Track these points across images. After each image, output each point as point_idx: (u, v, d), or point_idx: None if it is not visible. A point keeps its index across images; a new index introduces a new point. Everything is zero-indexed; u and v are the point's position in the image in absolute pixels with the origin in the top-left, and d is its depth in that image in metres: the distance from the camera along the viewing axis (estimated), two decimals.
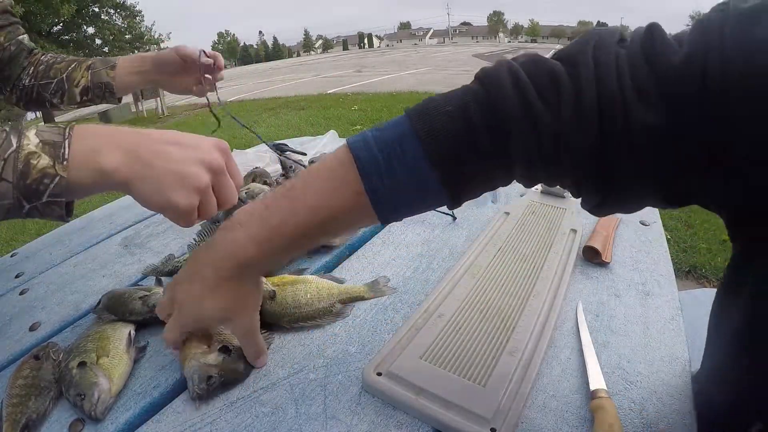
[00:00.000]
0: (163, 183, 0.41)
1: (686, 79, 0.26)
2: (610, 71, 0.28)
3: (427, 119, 0.31)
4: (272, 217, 0.37)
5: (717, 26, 0.26)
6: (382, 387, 0.42)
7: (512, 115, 0.29)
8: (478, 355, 0.45)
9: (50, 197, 0.38)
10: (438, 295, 0.55)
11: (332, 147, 1.17)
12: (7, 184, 0.38)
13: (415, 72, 12.10)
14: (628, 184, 0.30)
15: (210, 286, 0.39)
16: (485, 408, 0.39)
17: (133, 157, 0.40)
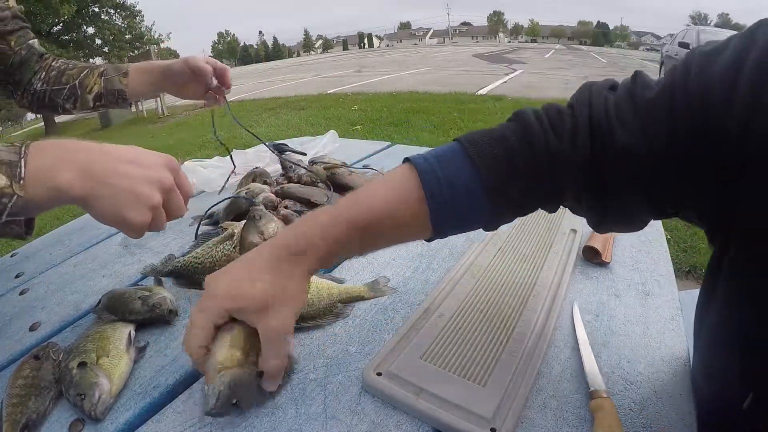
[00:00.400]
0: (118, 201, 0.42)
1: (657, 109, 0.33)
2: (600, 109, 0.36)
3: (477, 146, 0.38)
4: (341, 215, 0.40)
5: (683, 66, 0.33)
6: (382, 387, 0.42)
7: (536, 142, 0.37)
8: (478, 355, 0.45)
9: (8, 216, 0.39)
10: (438, 295, 0.55)
11: (332, 147, 1.17)
12: None
13: (415, 72, 12.10)
14: (619, 192, 0.36)
15: (262, 266, 0.40)
16: (485, 408, 0.39)
17: (88, 175, 0.41)
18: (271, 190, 0.77)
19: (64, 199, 0.41)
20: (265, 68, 24.25)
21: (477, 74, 10.72)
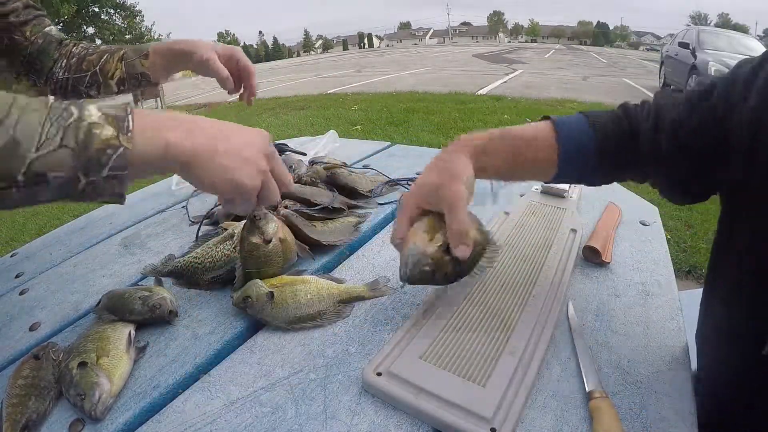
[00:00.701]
0: (228, 163, 0.42)
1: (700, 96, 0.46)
2: (665, 99, 0.50)
3: (597, 119, 0.50)
4: (494, 130, 0.53)
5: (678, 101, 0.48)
6: (382, 387, 0.42)
7: (629, 130, 0.49)
8: (478, 355, 0.45)
9: (111, 170, 0.37)
10: (436, 295, 0.55)
11: (332, 147, 1.17)
12: (67, 150, 0.36)
13: (415, 72, 12.10)
14: (673, 159, 0.47)
15: (434, 162, 0.50)
16: (485, 408, 0.39)
17: (196, 135, 0.41)
18: None
19: (172, 158, 0.40)
20: (265, 68, 24.24)
21: (477, 74, 10.72)
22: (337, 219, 0.74)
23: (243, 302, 0.53)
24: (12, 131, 0.34)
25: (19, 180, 0.34)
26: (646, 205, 0.83)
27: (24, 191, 0.35)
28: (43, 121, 0.36)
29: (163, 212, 0.92)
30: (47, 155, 0.35)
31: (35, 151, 0.35)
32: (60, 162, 0.35)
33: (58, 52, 0.77)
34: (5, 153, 0.34)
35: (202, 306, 0.58)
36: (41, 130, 0.35)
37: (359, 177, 0.87)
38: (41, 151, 0.35)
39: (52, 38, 0.77)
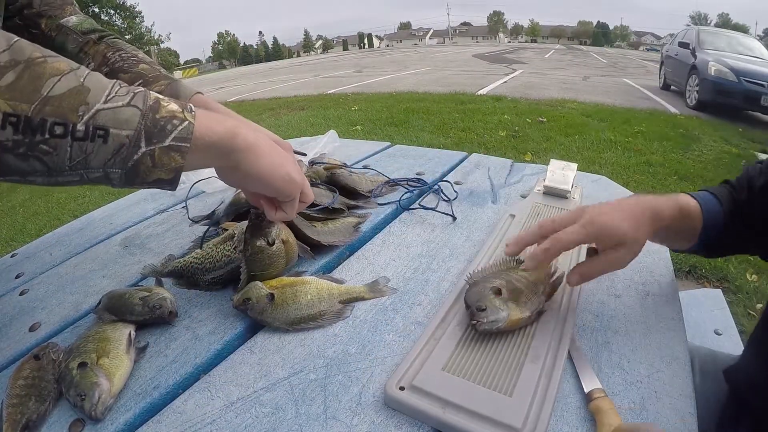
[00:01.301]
0: (281, 159, 0.46)
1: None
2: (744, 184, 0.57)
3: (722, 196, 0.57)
4: (673, 202, 0.54)
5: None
6: (406, 401, 0.41)
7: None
8: (501, 364, 0.44)
9: (175, 140, 0.36)
10: (454, 302, 0.54)
11: (332, 147, 1.17)
12: (136, 110, 0.34)
13: (415, 72, 12.10)
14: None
15: (630, 215, 0.50)
16: (515, 418, 0.38)
17: (254, 133, 0.44)
18: None
19: (233, 143, 0.41)
20: (265, 68, 24.25)
21: (477, 74, 10.72)
22: (337, 219, 0.74)
23: (243, 304, 0.53)
24: (82, 80, 0.33)
25: (78, 129, 0.32)
26: None
27: (78, 146, 0.33)
28: (113, 83, 0.35)
29: (163, 212, 0.92)
30: (115, 109, 0.34)
31: (104, 102, 0.33)
32: (127, 119, 0.34)
33: (80, 49, 0.68)
34: (72, 96, 0.32)
35: (202, 306, 0.58)
36: (111, 87, 0.35)
37: (359, 177, 0.87)
38: (109, 104, 0.34)
39: (67, 30, 0.68)
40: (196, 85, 0.89)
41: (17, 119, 0.31)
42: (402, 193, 0.86)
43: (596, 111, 5.28)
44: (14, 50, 0.32)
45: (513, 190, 0.89)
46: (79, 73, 0.33)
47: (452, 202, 0.83)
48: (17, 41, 0.32)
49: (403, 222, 0.77)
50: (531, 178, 0.95)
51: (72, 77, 0.33)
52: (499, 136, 4.18)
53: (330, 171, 0.86)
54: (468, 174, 0.98)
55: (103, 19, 14.05)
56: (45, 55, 0.33)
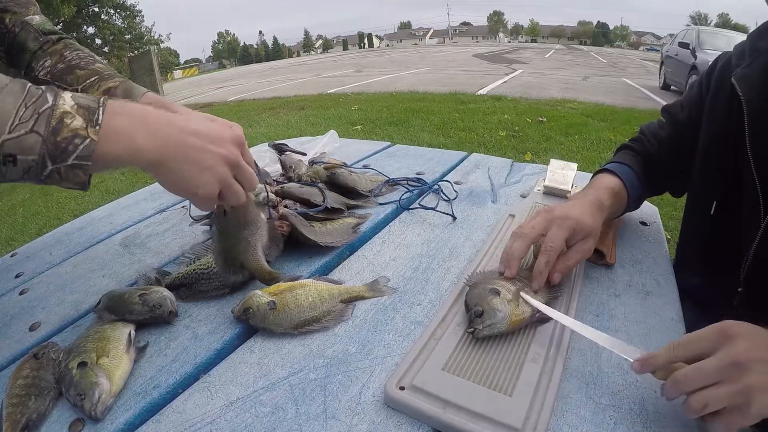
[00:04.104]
0: (185, 173, 0.45)
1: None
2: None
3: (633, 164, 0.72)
4: (604, 188, 0.65)
5: None
6: (406, 401, 0.41)
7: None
8: (501, 364, 0.44)
9: (77, 159, 0.39)
10: (454, 302, 0.54)
11: (332, 147, 1.17)
12: (37, 136, 0.37)
13: (415, 72, 12.10)
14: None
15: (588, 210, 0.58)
16: (515, 418, 0.38)
17: (162, 143, 0.43)
18: (271, 190, 0.77)
19: (135, 160, 0.42)
20: (265, 68, 24.24)
21: (477, 74, 10.72)
22: (336, 220, 0.74)
23: (244, 314, 0.52)
24: None
25: None
26: (646, 205, 0.83)
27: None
28: (18, 105, 0.37)
29: (163, 212, 0.92)
30: (18, 138, 0.37)
31: (8, 132, 0.36)
32: (30, 146, 0.37)
33: (39, 47, 0.70)
34: None
35: (202, 306, 0.58)
36: (15, 113, 0.37)
37: (359, 177, 0.87)
38: (13, 134, 0.37)
39: (30, 28, 0.69)
40: (196, 84, 0.89)
41: None
42: (402, 193, 0.86)
43: (596, 111, 5.28)
44: None
45: (513, 190, 0.89)
46: None
47: (452, 201, 0.83)
48: None
49: (403, 222, 0.77)
50: (531, 178, 0.95)
51: None
52: (499, 135, 4.18)
53: (330, 171, 0.86)
54: (468, 174, 0.98)
55: (103, 19, 14.04)
56: None
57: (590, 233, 0.56)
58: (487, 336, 0.47)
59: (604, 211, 0.61)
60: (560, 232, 0.54)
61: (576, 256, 0.56)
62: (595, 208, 0.60)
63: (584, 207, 0.59)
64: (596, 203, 0.61)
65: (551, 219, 0.56)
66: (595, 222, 0.57)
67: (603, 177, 0.68)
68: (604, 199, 0.62)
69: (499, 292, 0.50)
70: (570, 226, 0.55)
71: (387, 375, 0.45)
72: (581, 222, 0.55)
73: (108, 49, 14.64)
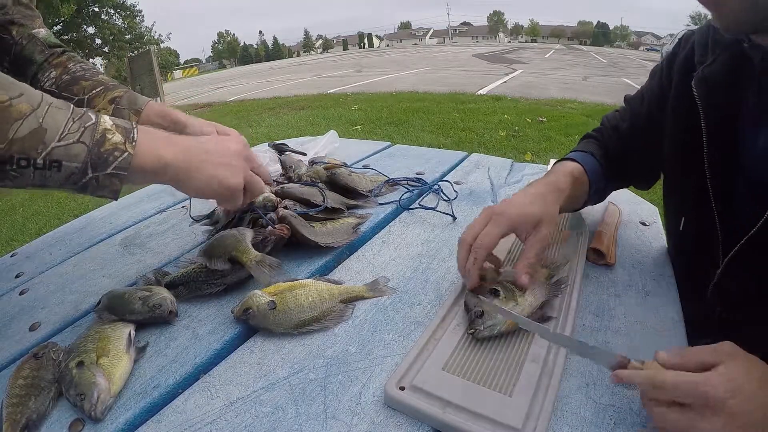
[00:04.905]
0: (213, 173, 0.52)
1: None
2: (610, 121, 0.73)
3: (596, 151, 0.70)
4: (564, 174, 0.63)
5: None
6: (407, 401, 0.41)
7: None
8: (501, 364, 0.44)
9: (115, 169, 0.44)
10: (454, 302, 0.54)
11: (332, 147, 1.17)
12: (84, 146, 0.42)
13: (415, 72, 12.10)
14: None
15: (535, 198, 0.56)
16: (514, 418, 0.38)
17: (186, 155, 0.50)
18: (271, 190, 0.77)
19: (164, 171, 0.48)
20: (265, 68, 24.25)
21: (477, 74, 10.72)
22: (336, 220, 0.74)
23: (244, 314, 0.52)
24: (41, 120, 0.41)
25: (38, 162, 0.41)
26: (646, 205, 0.83)
27: (39, 173, 0.41)
28: (67, 119, 0.43)
29: (163, 212, 0.92)
30: (66, 146, 0.42)
31: (57, 141, 0.41)
32: (76, 154, 0.42)
33: (45, 59, 0.73)
34: (32, 137, 0.40)
35: (202, 306, 0.58)
36: (65, 125, 0.42)
37: (359, 177, 0.87)
38: (62, 142, 0.42)
39: (37, 41, 0.72)
40: (197, 84, 0.89)
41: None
42: (402, 193, 0.86)
43: (596, 111, 5.27)
44: None
45: (513, 190, 0.88)
46: (39, 114, 0.41)
47: (452, 201, 0.83)
48: None
49: (403, 222, 0.77)
50: (531, 177, 0.95)
51: (32, 119, 0.40)
52: (499, 135, 4.18)
53: (330, 171, 0.86)
54: (468, 174, 0.98)
55: (103, 19, 14.04)
56: (10, 96, 0.40)
57: (539, 220, 0.53)
58: (488, 336, 0.47)
59: (561, 193, 0.58)
60: (493, 229, 0.52)
61: (533, 249, 0.53)
62: (547, 192, 0.57)
63: (528, 196, 0.56)
64: (550, 187, 0.58)
65: (488, 216, 0.54)
66: (543, 208, 0.54)
67: (563, 163, 0.66)
68: (561, 182, 0.60)
69: (499, 293, 0.50)
70: (507, 221, 0.52)
71: (387, 375, 0.45)
72: (523, 213, 0.53)
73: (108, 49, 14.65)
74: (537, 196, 0.56)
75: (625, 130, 0.67)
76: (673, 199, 0.66)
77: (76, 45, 13.36)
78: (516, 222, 0.53)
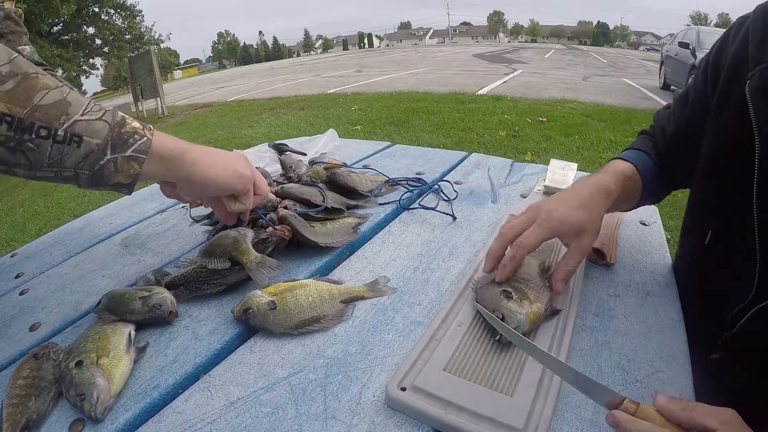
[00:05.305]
0: (225, 162, 0.54)
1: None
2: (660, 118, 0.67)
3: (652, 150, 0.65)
4: (614, 174, 0.58)
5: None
6: (408, 402, 0.41)
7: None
8: (502, 364, 0.44)
9: (134, 152, 0.44)
10: (455, 303, 0.54)
11: (332, 147, 1.17)
12: (105, 124, 0.43)
13: (415, 72, 12.09)
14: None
15: (581, 203, 0.53)
16: (516, 418, 0.38)
17: (198, 146, 0.52)
18: (271, 190, 0.77)
19: (182, 158, 0.49)
20: (265, 68, 24.25)
21: (477, 74, 10.72)
22: (336, 220, 0.74)
23: (244, 314, 0.52)
24: (65, 95, 0.41)
25: (59, 134, 0.40)
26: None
27: (57, 147, 0.40)
28: (88, 100, 0.43)
29: (163, 212, 0.92)
30: (89, 121, 0.42)
31: (81, 114, 0.41)
32: (98, 130, 0.42)
33: None
34: (56, 107, 0.40)
35: (202, 306, 0.58)
36: (87, 104, 0.42)
37: (359, 177, 0.87)
38: (85, 117, 0.41)
39: None
40: (197, 84, 0.89)
41: (12, 119, 0.38)
42: (402, 193, 0.86)
43: (596, 111, 5.28)
44: (14, 64, 0.39)
45: (513, 190, 0.88)
46: (63, 90, 0.41)
47: (452, 201, 0.83)
48: (16, 57, 0.40)
49: (403, 222, 0.77)
50: (531, 177, 0.95)
51: (57, 92, 0.40)
52: (499, 135, 4.18)
53: (330, 171, 0.86)
54: (468, 174, 0.98)
55: (103, 19, 14.03)
56: (37, 71, 0.40)
57: (582, 229, 0.51)
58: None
59: (609, 197, 0.55)
60: (537, 233, 0.51)
61: (574, 258, 0.52)
62: (594, 196, 0.54)
63: (575, 199, 0.53)
64: (599, 190, 0.55)
65: (533, 217, 0.53)
66: (587, 215, 0.52)
67: (615, 162, 0.62)
68: (610, 182, 0.56)
69: (511, 295, 0.50)
70: (550, 228, 0.51)
71: (387, 375, 0.45)
72: (567, 220, 0.51)
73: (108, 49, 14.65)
74: (583, 201, 0.53)
75: (670, 133, 0.63)
76: (699, 211, 0.62)
77: (76, 45, 13.36)
78: (560, 229, 0.52)
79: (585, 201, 0.53)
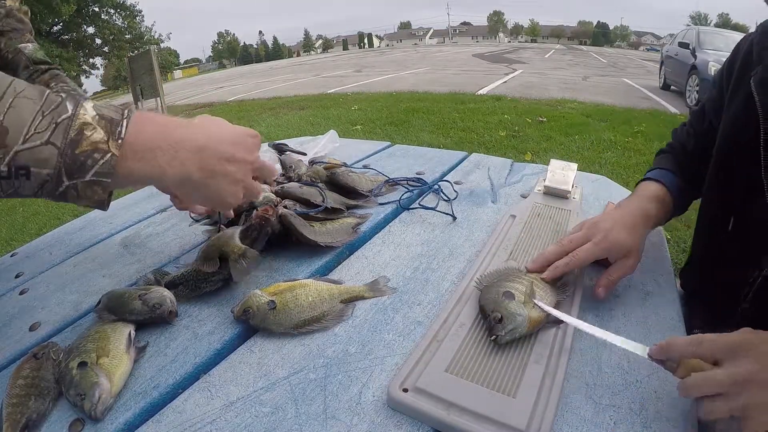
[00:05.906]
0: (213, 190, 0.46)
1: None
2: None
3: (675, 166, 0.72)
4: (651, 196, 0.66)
5: None
6: (410, 403, 0.40)
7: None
8: (504, 365, 0.44)
9: (95, 175, 0.36)
10: (456, 303, 0.53)
11: (332, 147, 1.17)
12: (53, 149, 0.34)
13: (415, 72, 12.10)
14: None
15: (630, 227, 0.58)
16: (518, 419, 0.38)
17: (185, 160, 0.42)
18: (271, 189, 0.77)
19: (158, 181, 0.41)
20: (265, 68, 24.25)
21: (477, 74, 10.72)
22: (336, 220, 0.74)
23: (244, 314, 0.52)
24: (2, 117, 0.33)
25: (2, 170, 0.34)
26: None
27: (6, 182, 0.34)
28: (35, 112, 0.34)
29: (164, 212, 0.92)
30: (33, 149, 0.34)
31: (22, 142, 0.34)
32: (45, 158, 0.34)
33: (29, 76, 0.72)
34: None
35: (202, 306, 0.58)
36: (31, 121, 0.34)
37: (359, 177, 0.87)
38: (27, 144, 0.34)
39: (22, 56, 0.71)
40: (197, 84, 0.89)
41: None
42: (402, 193, 0.86)
43: (596, 111, 5.28)
44: None
45: (513, 190, 0.88)
46: (0, 108, 0.33)
47: (452, 201, 0.83)
48: None
49: (403, 222, 0.77)
50: (531, 178, 0.95)
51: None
52: (499, 135, 4.18)
53: (330, 170, 0.86)
54: (468, 174, 0.98)
55: (103, 19, 14.04)
56: None
57: (630, 251, 0.56)
58: (510, 341, 0.46)
59: (650, 221, 0.62)
60: (593, 249, 0.56)
61: (618, 272, 0.56)
62: (640, 222, 0.60)
63: (628, 223, 0.58)
64: (642, 217, 0.61)
65: (590, 235, 0.57)
66: (634, 239, 0.57)
67: (648, 186, 0.68)
68: (651, 208, 0.63)
69: (514, 295, 0.50)
70: (603, 248, 0.56)
71: (387, 375, 0.45)
72: (618, 243, 0.56)
73: (108, 48, 14.66)
74: (633, 226, 0.59)
75: (692, 148, 0.71)
76: (720, 197, 0.66)
77: (76, 45, 13.35)
78: (611, 250, 0.56)
79: (632, 225, 0.59)
